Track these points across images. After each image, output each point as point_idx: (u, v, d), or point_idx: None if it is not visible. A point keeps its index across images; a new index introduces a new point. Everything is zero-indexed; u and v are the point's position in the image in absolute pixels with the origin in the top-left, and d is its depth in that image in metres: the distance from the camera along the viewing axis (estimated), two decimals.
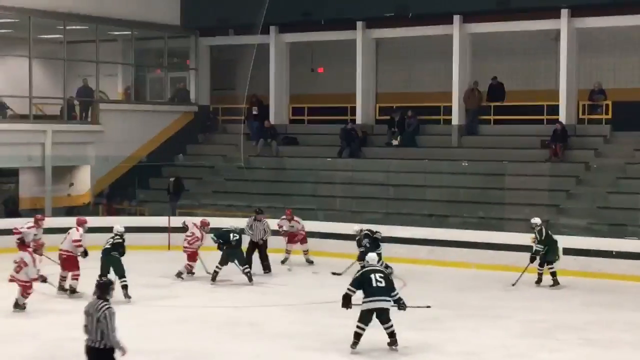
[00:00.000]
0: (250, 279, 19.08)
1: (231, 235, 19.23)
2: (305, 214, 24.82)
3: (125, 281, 17.16)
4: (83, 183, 28.83)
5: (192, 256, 19.71)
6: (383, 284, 13.11)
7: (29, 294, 16.10)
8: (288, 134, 29.70)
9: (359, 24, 28.24)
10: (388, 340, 13.23)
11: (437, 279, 20.18)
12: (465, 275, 20.48)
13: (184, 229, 20.25)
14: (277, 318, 16.01)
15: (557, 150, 24.94)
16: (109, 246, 17.55)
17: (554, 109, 25.95)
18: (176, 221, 22.78)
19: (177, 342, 14.08)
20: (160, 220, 24.56)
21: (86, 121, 28.40)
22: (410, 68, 29.16)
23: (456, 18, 26.73)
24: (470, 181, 25.07)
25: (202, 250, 19.95)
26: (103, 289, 10.17)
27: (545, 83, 26.90)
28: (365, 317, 13.12)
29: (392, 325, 13.18)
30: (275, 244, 21.84)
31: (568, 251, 20.68)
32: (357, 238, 19.69)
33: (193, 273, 19.77)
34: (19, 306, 16.09)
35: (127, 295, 17.04)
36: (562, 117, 25.57)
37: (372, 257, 13.92)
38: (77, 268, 17.72)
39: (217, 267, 19.11)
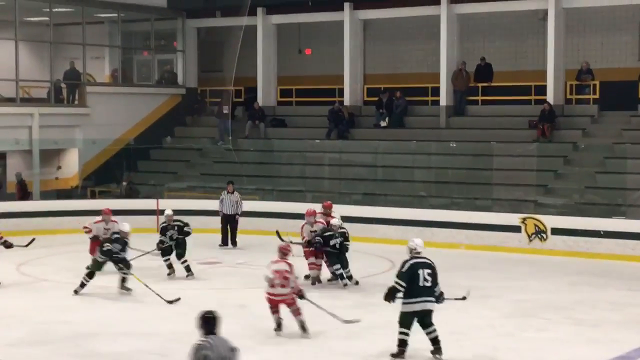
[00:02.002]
0: (188, 270, 17.92)
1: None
2: (293, 195, 24.91)
3: (186, 260, 17.92)
4: (71, 166, 28.78)
5: None
6: (429, 283, 11.69)
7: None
8: (276, 116, 29.67)
9: (346, 5, 28.19)
10: (431, 348, 11.85)
11: None
12: (454, 255, 20.53)
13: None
14: (264, 300, 16.00)
15: (545, 131, 24.98)
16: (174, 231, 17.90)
17: (542, 89, 25.99)
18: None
19: (165, 325, 14.10)
20: (149, 203, 24.55)
21: (73, 104, 28.33)
22: (397, 49, 29.14)
23: None
24: (458, 162, 25.12)
25: None
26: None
27: (533, 63, 26.92)
28: (407, 320, 11.77)
29: (435, 330, 11.80)
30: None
31: (556, 231, 20.80)
32: (328, 234, 17.34)
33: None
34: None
35: (189, 271, 17.82)
36: (550, 97, 25.61)
37: (419, 243, 12.14)
38: None
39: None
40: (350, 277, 17.32)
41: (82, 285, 16.22)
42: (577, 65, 26.00)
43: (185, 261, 17.91)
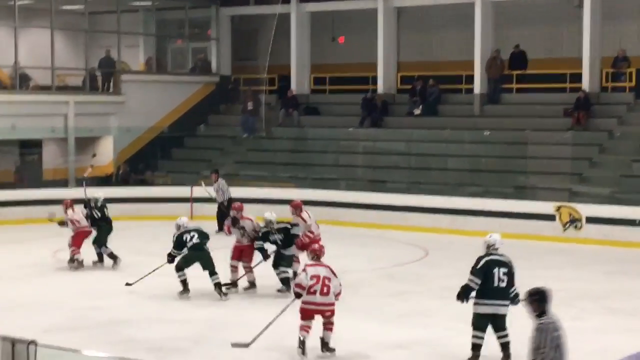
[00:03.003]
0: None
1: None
2: (326, 183, 24.94)
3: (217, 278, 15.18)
4: (106, 154, 28.96)
5: None
6: (505, 283, 10.96)
7: None
8: (309, 104, 29.67)
9: None
10: (501, 354, 11.15)
11: (458, 248, 20.16)
12: (482, 241, 20.41)
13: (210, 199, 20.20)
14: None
15: (580, 119, 24.79)
16: (197, 240, 15.14)
17: (577, 77, 25.77)
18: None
19: (200, 312, 14.19)
20: (183, 191, 24.70)
21: (108, 92, 28.48)
22: (432, 36, 29.01)
23: None
24: (492, 150, 25.00)
25: None
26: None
27: (568, 51, 26.70)
28: (481, 323, 11.05)
29: (507, 335, 11.07)
30: None
31: (591, 220, 20.67)
32: (264, 230, 15.83)
33: None
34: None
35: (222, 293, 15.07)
36: (585, 85, 25.40)
37: (497, 238, 11.36)
38: None
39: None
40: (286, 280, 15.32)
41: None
42: (613, 53, 25.75)
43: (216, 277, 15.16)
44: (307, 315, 11.57)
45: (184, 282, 15.06)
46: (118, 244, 20.03)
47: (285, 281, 15.33)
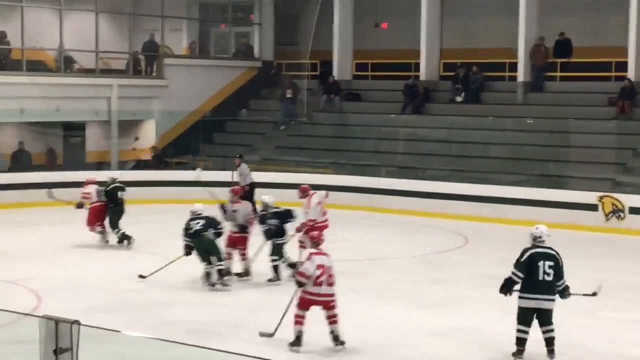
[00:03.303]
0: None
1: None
2: (367, 170, 24.91)
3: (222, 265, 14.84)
4: (148, 137, 29.15)
5: None
6: (551, 277, 10.53)
7: None
8: (351, 90, 29.62)
9: None
10: (546, 349, 10.77)
11: (499, 236, 20.10)
12: (528, 233, 20.30)
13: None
14: (337, 273, 16.02)
15: (625, 108, 24.52)
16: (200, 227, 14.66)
17: (622, 66, 25.45)
18: None
19: (240, 296, 14.25)
20: (224, 175, 24.75)
21: (151, 76, 28.63)
22: (475, 24, 28.79)
23: None
24: (534, 138, 24.81)
25: None
26: None
27: (614, 39, 26.36)
28: (525, 317, 10.65)
29: (553, 330, 10.71)
30: None
31: (634, 210, 20.46)
32: (261, 212, 15.56)
33: None
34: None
35: (225, 283, 14.71)
36: (631, 74, 25.09)
37: (544, 230, 10.89)
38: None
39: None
40: (293, 265, 14.84)
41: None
42: None
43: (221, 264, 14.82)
44: (306, 305, 11.07)
45: (208, 274, 14.59)
46: (159, 226, 20.26)
47: (275, 269, 15.09)
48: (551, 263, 10.57)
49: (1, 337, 10.96)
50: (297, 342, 11.01)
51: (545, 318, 10.65)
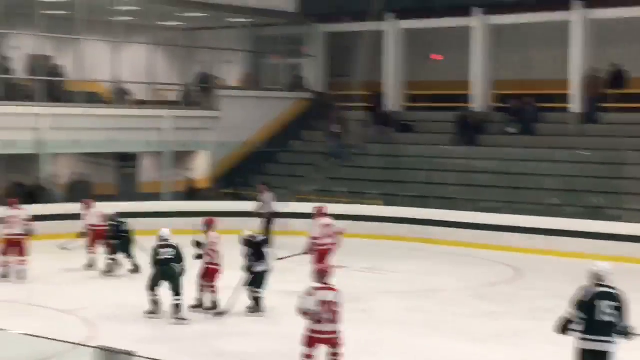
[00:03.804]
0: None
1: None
2: (419, 201, 24.84)
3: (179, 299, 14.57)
4: (201, 168, 29.36)
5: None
6: (612, 318, 9.71)
7: None
8: (403, 121, 29.61)
9: (476, 10, 27.93)
10: None
11: (552, 268, 19.90)
12: (582, 265, 20.07)
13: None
14: (388, 305, 16.02)
15: None
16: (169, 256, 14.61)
17: None
18: None
19: (296, 327, 14.22)
20: (278, 207, 24.85)
21: (205, 107, 28.87)
22: (528, 55, 28.69)
23: (576, 4, 26.21)
24: (588, 170, 24.57)
25: None
26: None
27: None
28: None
29: None
30: None
31: None
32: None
33: None
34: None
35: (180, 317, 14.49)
36: None
37: (605, 268, 10.07)
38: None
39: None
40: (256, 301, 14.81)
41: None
42: None
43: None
44: (312, 344, 10.62)
45: (155, 302, 14.63)
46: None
47: (255, 300, 14.88)
48: (613, 303, 9.81)
49: None
50: None
51: None
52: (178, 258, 14.59)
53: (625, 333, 9.86)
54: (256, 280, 14.84)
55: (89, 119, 25.40)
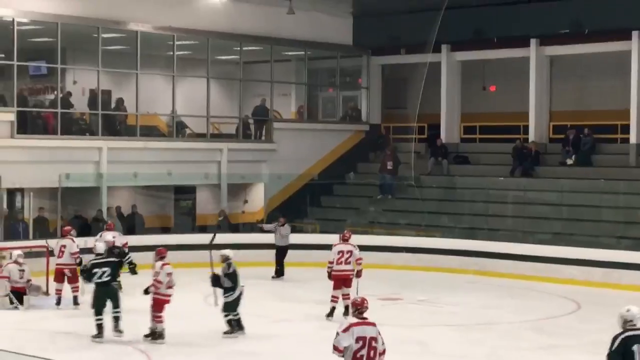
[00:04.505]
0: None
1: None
2: (476, 233, 24.69)
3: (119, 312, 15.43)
4: (257, 200, 29.48)
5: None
6: None
7: None
8: (459, 153, 29.52)
9: (533, 41, 27.81)
10: None
11: (612, 301, 19.55)
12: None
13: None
14: (445, 338, 15.90)
15: None
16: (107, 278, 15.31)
17: None
18: None
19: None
20: (333, 239, 24.82)
21: (260, 140, 29.06)
22: (585, 85, 28.47)
23: (635, 34, 25.98)
24: None
25: None
26: None
27: None
28: None
29: None
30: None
31: None
32: (214, 275, 15.88)
33: None
34: None
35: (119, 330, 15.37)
36: None
37: (636, 313, 9.57)
38: None
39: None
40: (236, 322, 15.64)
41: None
42: None
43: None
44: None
45: (100, 327, 15.10)
46: (266, 289, 20.39)
47: (230, 323, 15.57)
48: None
49: None
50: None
51: None
52: (114, 275, 15.49)
53: None
54: (230, 306, 15.54)
55: (147, 152, 25.71)
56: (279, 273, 22.75)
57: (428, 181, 28.51)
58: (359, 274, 17.42)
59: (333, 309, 17.34)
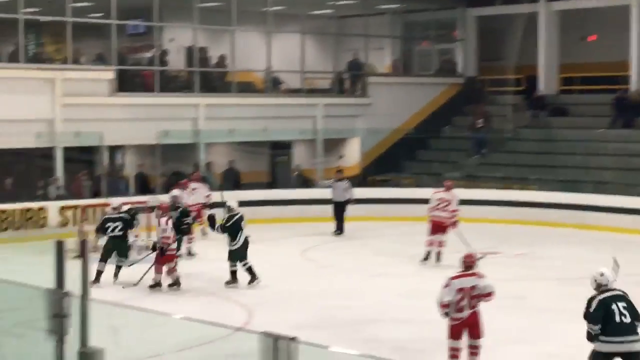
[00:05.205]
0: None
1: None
2: (574, 186, 24.31)
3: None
4: (352, 155, 29.53)
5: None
6: (629, 318, 9.51)
7: None
8: (557, 105, 29.02)
9: None
10: None
11: None
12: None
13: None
14: (544, 292, 15.78)
15: None
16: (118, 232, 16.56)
17: None
18: None
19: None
20: (427, 192, 24.77)
21: (355, 94, 29.02)
22: None
23: None
24: None
25: None
26: None
27: None
28: None
29: None
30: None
31: None
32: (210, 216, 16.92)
33: None
34: None
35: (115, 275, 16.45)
36: None
37: (608, 277, 9.89)
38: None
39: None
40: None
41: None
42: None
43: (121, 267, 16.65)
44: (456, 334, 10.65)
45: (99, 274, 16.01)
46: (362, 243, 20.48)
47: (233, 274, 16.10)
48: (624, 303, 9.61)
49: (214, 351, 11.38)
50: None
51: None
52: (126, 228, 16.60)
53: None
54: (234, 255, 16.10)
55: (244, 109, 25.91)
56: (339, 229, 22.30)
57: (525, 134, 28.14)
58: (454, 225, 17.99)
59: (428, 253, 17.58)
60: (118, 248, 16.48)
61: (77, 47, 23.91)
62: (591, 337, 9.51)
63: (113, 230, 16.49)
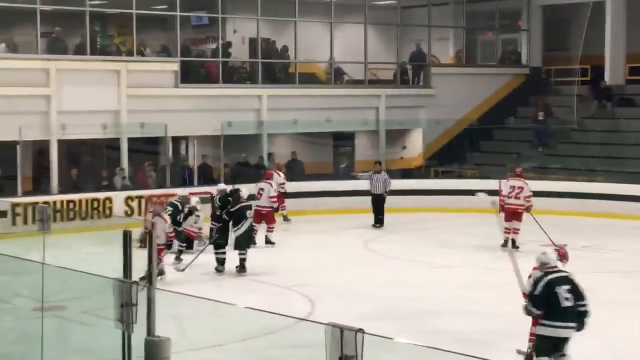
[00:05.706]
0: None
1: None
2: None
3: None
4: (415, 146, 29.42)
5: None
6: (571, 302, 9.65)
7: None
8: (624, 95, 28.57)
9: None
10: None
11: None
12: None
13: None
14: (610, 285, 15.57)
15: None
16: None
17: None
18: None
19: (509, 306, 14.08)
20: (491, 183, 24.56)
21: (418, 85, 28.88)
22: None
23: None
24: None
25: None
26: None
27: None
28: (546, 347, 9.75)
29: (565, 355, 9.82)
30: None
31: None
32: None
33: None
34: None
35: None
36: None
37: (552, 256, 10.04)
38: None
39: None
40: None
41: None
42: None
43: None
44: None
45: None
46: (427, 234, 20.39)
47: (220, 261, 16.43)
48: (568, 286, 9.73)
49: (278, 340, 11.43)
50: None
51: (562, 346, 9.71)
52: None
53: (584, 316, 9.77)
54: (239, 243, 16.42)
55: (306, 100, 25.94)
56: (379, 222, 21.95)
57: (591, 125, 27.77)
58: (528, 210, 18.30)
59: (506, 240, 17.77)
60: (178, 235, 17.15)
61: (142, 38, 24.14)
62: (530, 316, 9.86)
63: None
